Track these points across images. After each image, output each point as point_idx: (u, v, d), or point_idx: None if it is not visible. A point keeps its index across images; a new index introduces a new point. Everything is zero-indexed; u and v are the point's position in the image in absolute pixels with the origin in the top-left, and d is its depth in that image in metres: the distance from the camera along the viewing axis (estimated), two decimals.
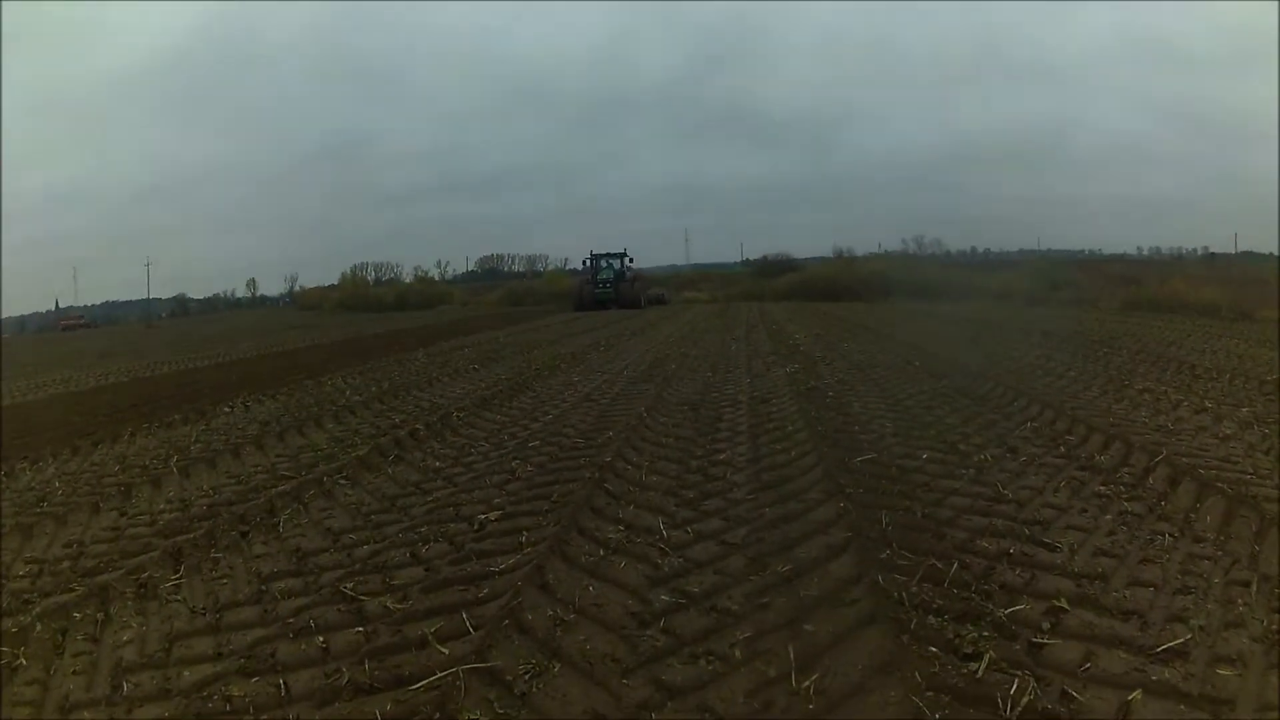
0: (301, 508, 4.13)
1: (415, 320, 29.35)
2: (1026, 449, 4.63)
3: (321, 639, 2.58)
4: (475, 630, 2.51)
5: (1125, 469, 4.14)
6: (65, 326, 59.31)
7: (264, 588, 3.12)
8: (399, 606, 2.79)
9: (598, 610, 2.66)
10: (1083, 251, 45.74)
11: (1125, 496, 3.68)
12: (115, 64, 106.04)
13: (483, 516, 3.67)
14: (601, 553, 3.14)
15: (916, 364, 8.85)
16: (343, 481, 4.58)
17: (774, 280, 37.96)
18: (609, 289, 30.33)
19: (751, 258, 49.12)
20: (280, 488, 4.46)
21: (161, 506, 4.40)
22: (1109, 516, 3.44)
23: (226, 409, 7.74)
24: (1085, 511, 3.49)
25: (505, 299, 43.50)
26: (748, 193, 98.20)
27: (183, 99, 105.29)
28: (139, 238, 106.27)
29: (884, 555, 2.96)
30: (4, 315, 64.25)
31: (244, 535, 3.80)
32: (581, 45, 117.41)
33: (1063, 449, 4.62)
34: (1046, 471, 4.15)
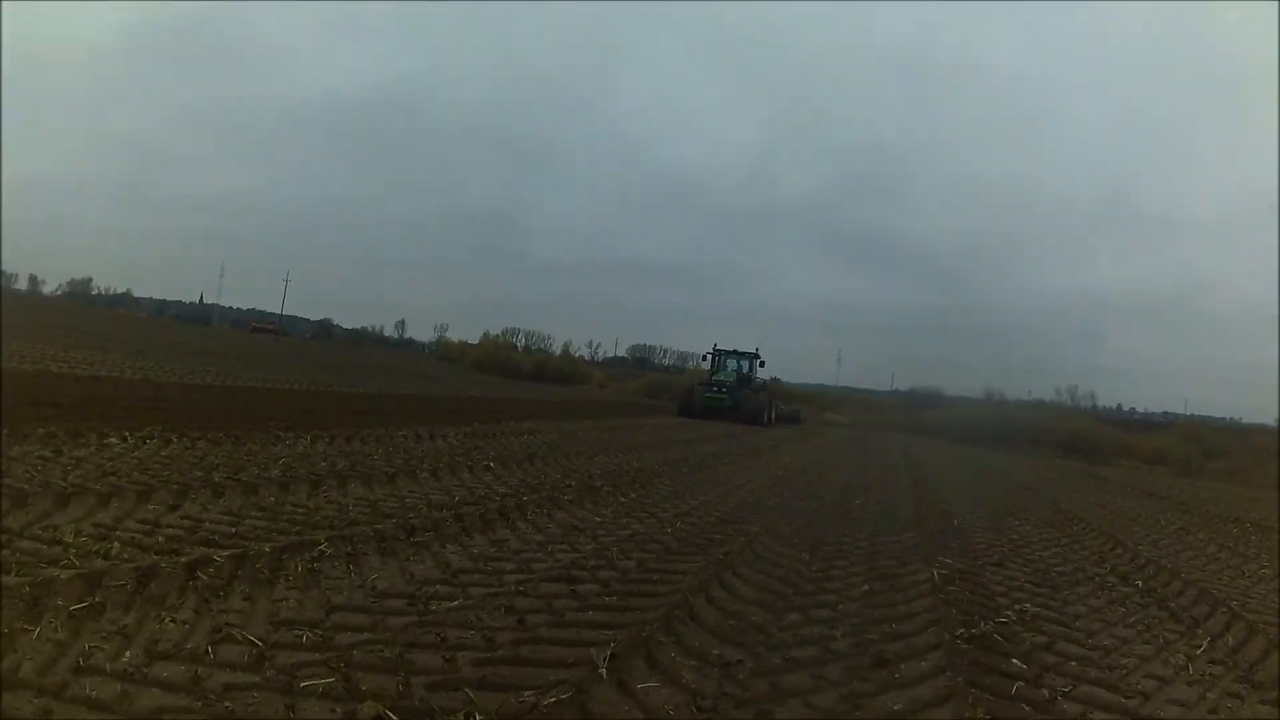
0: None
1: (530, 392, 28.21)
2: None
3: None
4: None
5: None
6: (253, 329, 60.41)
7: None
8: None
9: None
10: (1225, 418, 47.05)
11: None
12: (297, 95, 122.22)
13: None
14: None
15: (1146, 592, 5.10)
16: None
17: (921, 414, 34.52)
18: (723, 395, 23.83)
19: (901, 388, 45.49)
20: None
21: None
22: None
23: (81, 448, 5.83)
24: None
25: (644, 389, 42.46)
26: (899, 320, 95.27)
27: (355, 139, 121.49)
28: (292, 256, 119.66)
29: None
30: (142, 295, 71.45)
31: None
32: (732, 158, 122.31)
33: None
34: None
